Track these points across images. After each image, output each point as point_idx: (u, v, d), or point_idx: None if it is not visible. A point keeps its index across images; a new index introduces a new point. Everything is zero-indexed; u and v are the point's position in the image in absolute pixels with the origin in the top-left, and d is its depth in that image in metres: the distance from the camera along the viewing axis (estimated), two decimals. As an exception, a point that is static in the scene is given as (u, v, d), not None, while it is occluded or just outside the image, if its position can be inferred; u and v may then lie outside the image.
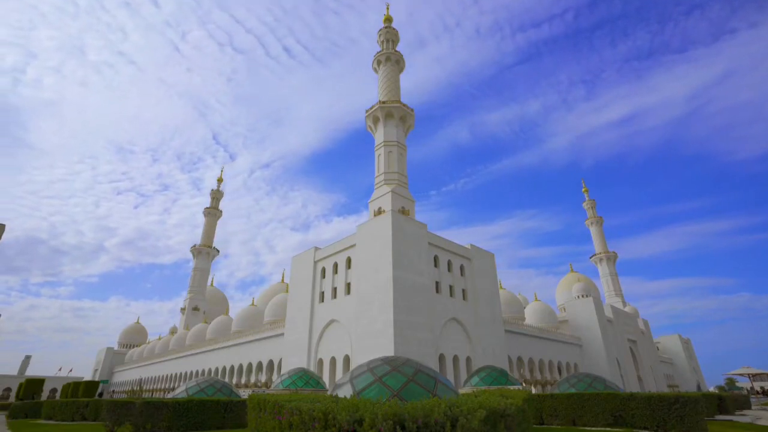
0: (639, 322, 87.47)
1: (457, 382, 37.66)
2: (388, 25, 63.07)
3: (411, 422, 5.68)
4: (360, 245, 39.60)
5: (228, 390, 23.65)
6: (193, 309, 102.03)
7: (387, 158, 50.47)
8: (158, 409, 18.30)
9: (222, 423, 19.68)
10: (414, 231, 38.97)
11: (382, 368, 10.34)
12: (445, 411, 5.97)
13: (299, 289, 46.80)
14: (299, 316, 45.10)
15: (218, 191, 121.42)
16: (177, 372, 74.97)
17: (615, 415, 18.80)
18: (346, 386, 10.18)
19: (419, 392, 9.32)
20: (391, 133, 51.92)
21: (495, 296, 47.49)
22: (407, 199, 48.27)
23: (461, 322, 41.07)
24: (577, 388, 22.26)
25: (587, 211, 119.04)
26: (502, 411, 6.81)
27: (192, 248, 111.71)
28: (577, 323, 68.30)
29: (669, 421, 17.29)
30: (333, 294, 42.25)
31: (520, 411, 7.89)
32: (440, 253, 42.01)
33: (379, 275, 35.71)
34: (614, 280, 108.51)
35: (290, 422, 6.96)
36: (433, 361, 34.97)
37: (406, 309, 34.38)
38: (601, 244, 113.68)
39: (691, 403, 17.20)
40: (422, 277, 37.58)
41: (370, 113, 54.11)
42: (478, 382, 28.41)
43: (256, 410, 9.18)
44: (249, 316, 65.44)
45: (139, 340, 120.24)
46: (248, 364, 55.22)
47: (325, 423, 6.09)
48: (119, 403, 19.63)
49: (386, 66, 58.54)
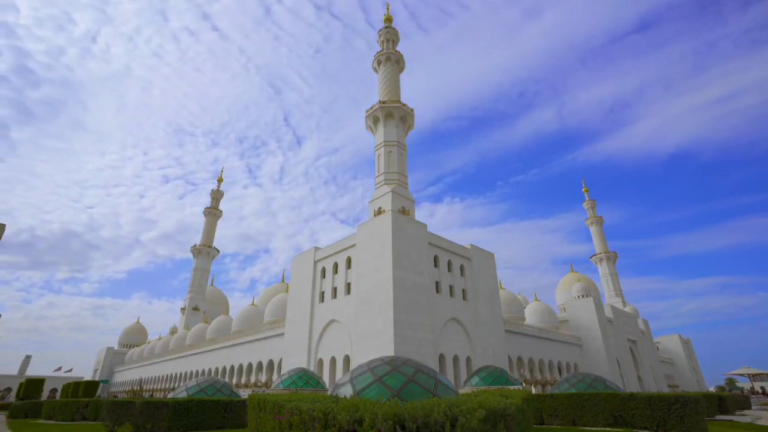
0: (639, 322, 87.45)
1: (457, 382, 37.66)
2: (388, 25, 63.06)
3: (411, 422, 5.68)
4: (360, 245, 39.60)
5: (228, 390, 23.65)
6: (193, 309, 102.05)
7: (387, 158, 50.49)
8: (158, 409, 18.30)
9: (222, 423, 19.67)
10: (414, 231, 38.97)
11: (382, 368, 10.34)
12: (445, 411, 5.97)
13: (299, 289, 46.80)
14: (299, 316, 45.11)
15: (218, 191, 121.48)
16: (177, 372, 74.98)
17: (615, 415, 18.80)
18: (346, 386, 10.18)
19: (419, 392, 9.32)
20: (391, 133, 51.94)
21: (495, 296, 47.49)
22: (407, 199, 48.30)
23: (461, 322, 41.07)
24: (577, 388, 22.25)
25: (587, 211, 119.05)
26: (502, 411, 6.81)
27: (192, 248, 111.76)
28: (577, 323, 68.31)
29: (669, 421, 17.29)
30: (333, 294, 42.25)
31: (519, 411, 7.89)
32: (440, 253, 42.01)
33: (379, 275, 35.71)
34: (614, 280, 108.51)
35: (290, 422, 6.97)
36: (433, 361, 34.97)
37: (406, 309, 34.39)
38: (602, 244, 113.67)
39: (691, 403, 17.19)
40: (422, 277, 37.58)
41: (370, 113, 54.12)
42: (478, 382, 28.43)
43: (256, 410, 9.18)
44: (249, 316, 65.47)
45: (139, 340, 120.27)
46: (248, 364, 55.23)
47: (325, 423, 6.10)
48: (119, 403, 19.63)
49: (386, 66, 58.55)
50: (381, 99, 55.29)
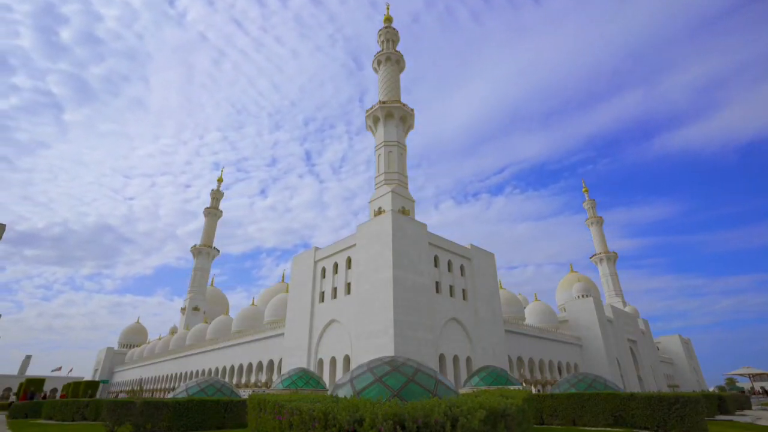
0: (639, 322, 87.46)
1: (457, 382, 37.65)
2: (388, 25, 63.05)
3: (411, 422, 5.68)
4: (360, 245, 39.59)
5: (228, 390, 23.63)
6: (193, 309, 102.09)
7: (387, 158, 50.53)
8: (158, 409, 18.28)
9: (222, 423, 19.66)
10: (414, 231, 38.97)
11: (382, 368, 10.33)
12: (445, 411, 5.97)
13: (299, 289, 46.80)
14: (299, 316, 45.10)
15: (218, 191, 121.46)
16: (177, 372, 74.97)
17: (615, 415, 18.78)
18: (346, 386, 10.17)
19: (419, 392, 9.31)
20: (391, 133, 51.97)
21: (495, 296, 47.50)
22: (407, 199, 48.33)
23: (461, 322, 41.06)
24: (577, 388, 22.24)
25: (587, 211, 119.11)
26: (502, 411, 6.81)
27: (192, 248, 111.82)
28: (577, 323, 68.31)
29: (669, 421, 17.27)
30: (333, 294, 42.25)
31: (520, 411, 7.88)
32: (440, 253, 42.00)
33: (379, 275, 35.71)
34: (614, 280, 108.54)
35: (290, 422, 6.96)
36: (433, 361, 34.97)
37: (406, 309, 34.38)
38: (602, 244, 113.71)
39: (691, 403, 17.17)
40: (422, 277, 37.57)
41: (370, 113, 54.14)
42: (478, 382, 28.40)
43: (257, 410, 9.18)
44: (249, 316, 65.48)
45: (139, 340, 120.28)
46: (248, 364, 55.23)
47: (325, 423, 6.09)
48: (119, 403, 19.61)
49: (386, 66, 58.54)
50: (381, 99, 55.30)
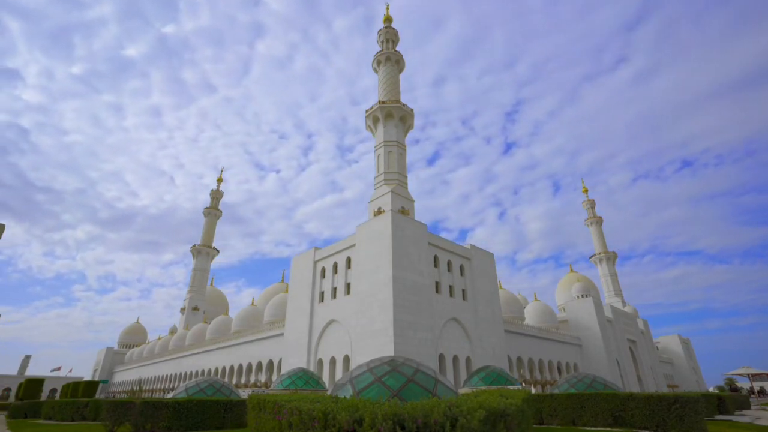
0: (639, 322, 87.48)
1: (457, 382, 37.66)
2: (387, 25, 63.03)
3: (411, 422, 5.68)
4: (360, 245, 39.60)
5: (228, 390, 23.64)
6: (193, 309, 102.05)
7: (387, 158, 50.52)
8: (158, 409, 18.28)
9: (222, 423, 19.66)
10: (414, 231, 38.97)
11: (382, 368, 10.33)
12: (445, 411, 5.97)
13: (299, 289, 46.80)
14: (299, 316, 45.10)
15: (218, 191, 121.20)
16: (177, 372, 74.96)
17: (615, 415, 18.79)
18: (346, 386, 10.17)
19: (419, 392, 9.31)
20: (391, 133, 51.96)
21: (495, 296, 47.51)
22: (407, 199, 48.33)
23: (461, 322, 41.07)
24: (576, 388, 22.25)
25: (587, 211, 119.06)
26: (502, 411, 6.81)
27: (192, 248, 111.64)
28: (576, 323, 68.33)
29: (668, 421, 17.28)
30: (333, 294, 42.25)
31: (519, 411, 7.88)
32: (440, 253, 42.01)
33: (379, 275, 35.71)
34: (614, 280, 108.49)
35: (290, 422, 6.97)
36: (433, 361, 34.98)
37: (405, 309, 34.39)
38: (601, 244, 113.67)
39: (691, 403, 17.18)
40: (422, 277, 37.58)
41: (369, 113, 54.12)
42: (477, 382, 28.40)
43: (256, 410, 9.19)
44: (249, 316, 65.46)
45: (139, 340, 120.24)
46: (248, 364, 55.23)
47: (325, 423, 6.10)
48: (119, 403, 19.60)
49: (386, 66, 58.54)
50: (381, 99, 55.29)
